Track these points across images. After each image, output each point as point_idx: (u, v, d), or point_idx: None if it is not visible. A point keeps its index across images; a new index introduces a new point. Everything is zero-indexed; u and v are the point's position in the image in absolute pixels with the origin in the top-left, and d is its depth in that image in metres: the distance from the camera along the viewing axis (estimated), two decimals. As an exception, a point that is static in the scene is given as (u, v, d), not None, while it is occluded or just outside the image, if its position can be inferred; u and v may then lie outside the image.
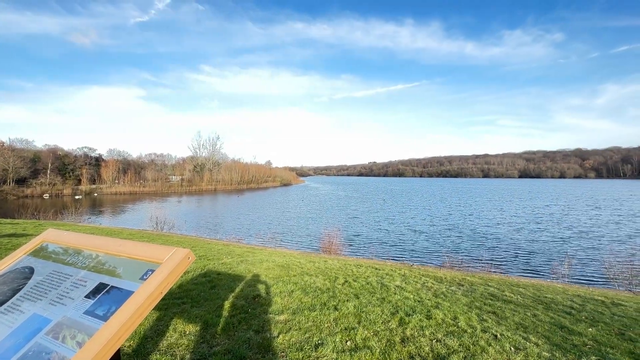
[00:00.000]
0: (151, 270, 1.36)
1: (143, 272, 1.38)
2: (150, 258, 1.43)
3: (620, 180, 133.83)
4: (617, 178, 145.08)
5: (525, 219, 26.46)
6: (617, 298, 6.76)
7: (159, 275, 1.30)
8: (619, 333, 4.04)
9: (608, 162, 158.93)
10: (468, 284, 6.93)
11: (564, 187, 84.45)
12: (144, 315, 1.18)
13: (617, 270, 9.86)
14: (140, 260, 1.45)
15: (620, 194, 57.45)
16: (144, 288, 1.26)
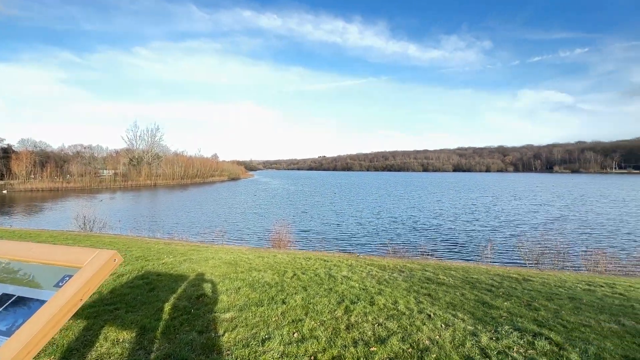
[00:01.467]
0: (68, 276, 1.22)
1: (59, 278, 1.23)
2: (68, 262, 1.28)
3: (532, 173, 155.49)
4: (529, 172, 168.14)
5: (458, 209, 29.30)
6: (527, 275, 7.87)
7: (77, 281, 1.17)
8: (527, 304, 4.72)
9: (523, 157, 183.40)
10: (408, 270, 7.46)
11: (490, 180, 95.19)
12: (58, 326, 1.06)
13: (527, 251, 11.48)
14: (55, 266, 1.29)
15: (533, 185, 66.68)
16: (58, 296, 1.12)
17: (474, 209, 28.56)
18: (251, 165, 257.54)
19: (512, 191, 49.26)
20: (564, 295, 5.47)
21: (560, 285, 6.45)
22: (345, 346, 3.12)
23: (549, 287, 6.16)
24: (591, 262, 10.19)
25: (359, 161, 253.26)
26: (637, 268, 10.93)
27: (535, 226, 20.31)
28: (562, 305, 4.66)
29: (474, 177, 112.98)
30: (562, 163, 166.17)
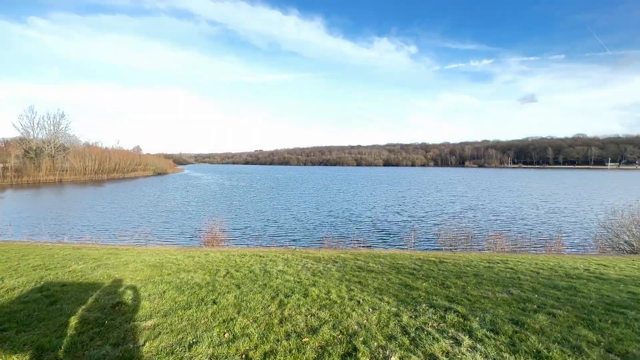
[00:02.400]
0: None
1: None
2: None
3: (448, 167, 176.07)
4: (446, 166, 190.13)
5: (389, 201, 31.62)
6: (443, 257, 8.88)
7: None
8: (441, 283, 5.35)
9: (442, 154, 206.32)
10: (341, 260, 7.80)
11: (415, 174, 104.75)
12: None
13: (444, 237, 12.99)
14: None
15: (450, 179, 75.41)
16: None
17: (402, 201, 31.11)
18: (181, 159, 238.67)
19: (434, 184, 55.01)
20: (470, 273, 6.33)
21: (468, 265, 7.44)
22: (278, 340, 3.13)
23: (459, 267, 7.05)
24: (491, 243, 11.99)
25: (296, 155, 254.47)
26: (524, 246, 13.20)
27: (452, 214, 23.05)
28: (468, 282, 5.39)
29: (402, 171, 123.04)
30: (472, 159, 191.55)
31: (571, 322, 3.48)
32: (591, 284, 5.34)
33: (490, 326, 3.37)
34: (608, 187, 46.56)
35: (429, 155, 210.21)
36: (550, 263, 7.72)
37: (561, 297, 4.46)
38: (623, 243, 11.43)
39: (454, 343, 3.01)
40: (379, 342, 3.06)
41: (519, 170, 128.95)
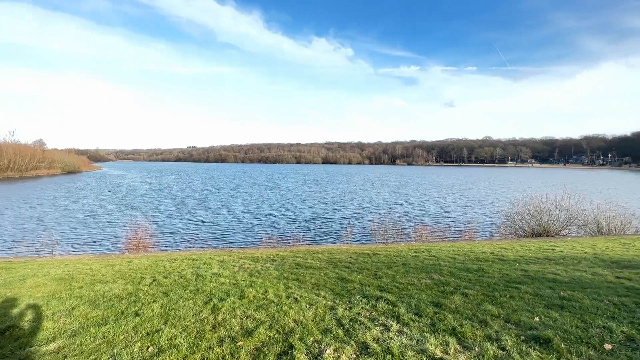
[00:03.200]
0: None
1: None
2: None
3: (381, 165, 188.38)
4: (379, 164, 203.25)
5: (328, 198, 32.45)
6: (376, 250, 9.44)
7: None
8: (374, 274, 5.68)
9: (376, 152, 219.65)
10: (280, 258, 7.74)
11: (352, 171, 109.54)
12: None
13: (377, 229, 13.85)
14: None
15: (383, 177, 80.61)
16: None
17: (341, 198, 32.22)
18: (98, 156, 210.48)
19: (370, 181, 58.18)
20: (399, 262, 6.85)
21: (398, 255, 8.04)
22: (210, 347, 2.96)
23: (390, 258, 7.58)
24: (418, 234, 13.17)
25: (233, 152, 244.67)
26: (445, 236, 14.78)
27: (385, 209, 24.67)
28: (397, 271, 5.83)
29: (340, 169, 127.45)
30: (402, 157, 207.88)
31: (479, 299, 4.00)
32: (495, 265, 6.22)
33: (415, 310, 3.69)
34: (509, 182, 54.96)
35: (364, 154, 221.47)
36: (465, 249, 8.78)
37: (472, 278, 5.11)
38: (519, 229, 13.58)
39: (384, 329, 3.22)
40: (314, 337, 3.11)
41: (440, 168, 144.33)
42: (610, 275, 5.01)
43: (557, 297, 4.00)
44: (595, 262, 6.22)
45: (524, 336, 2.96)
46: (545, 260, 6.64)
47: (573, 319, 3.29)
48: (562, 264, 6.02)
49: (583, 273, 5.21)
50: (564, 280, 4.80)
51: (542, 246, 9.01)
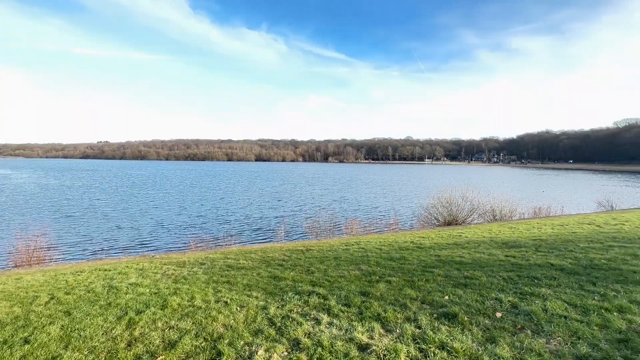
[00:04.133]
0: None
1: None
2: None
3: (315, 163, 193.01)
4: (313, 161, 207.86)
5: (263, 196, 31.82)
6: (310, 246, 9.61)
7: None
8: (307, 270, 5.77)
9: (309, 150, 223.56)
10: (210, 261, 7.33)
11: (287, 169, 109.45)
12: None
13: (311, 226, 14.12)
14: None
15: (317, 174, 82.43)
16: None
17: (275, 196, 31.89)
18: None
19: (305, 179, 58.87)
20: (331, 256, 7.09)
21: (330, 249, 8.32)
22: (125, 367, 2.64)
23: (322, 253, 7.79)
24: (349, 228, 13.83)
25: (155, 149, 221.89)
26: (373, 228, 15.80)
27: (320, 206, 25.26)
28: (329, 265, 6.02)
29: (274, 166, 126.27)
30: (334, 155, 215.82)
31: (401, 285, 4.39)
32: (415, 253, 6.90)
33: (345, 301, 3.86)
34: (427, 178, 61.47)
35: (298, 151, 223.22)
36: (390, 240, 9.53)
37: (395, 266, 5.57)
38: (434, 219, 15.28)
39: (315, 323, 3.30)
40: (245, 340, 3.02)
41: (369, 165, 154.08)
42: (501, 254, 5.99)
43: (462, 277, 4.62)
44: (491, 244, 7.36)
45: (436, 314, 3.35)
46: (454, 245, 7.60)
47: (474, 294, 3.84)
48: (466, 248, 6.97)
49: (482, 254, 6.12)
50: (468, 262, 5.57)
51: (452, 233, 10.29)
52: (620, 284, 3.92)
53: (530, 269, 4.78)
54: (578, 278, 4.22)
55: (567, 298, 3.54)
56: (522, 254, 5.85)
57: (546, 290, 3.81)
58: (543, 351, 2.53)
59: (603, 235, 7.57)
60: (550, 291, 3.79)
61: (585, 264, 4.85)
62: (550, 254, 5.68)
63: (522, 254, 5.84)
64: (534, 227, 10.37)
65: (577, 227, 9.69)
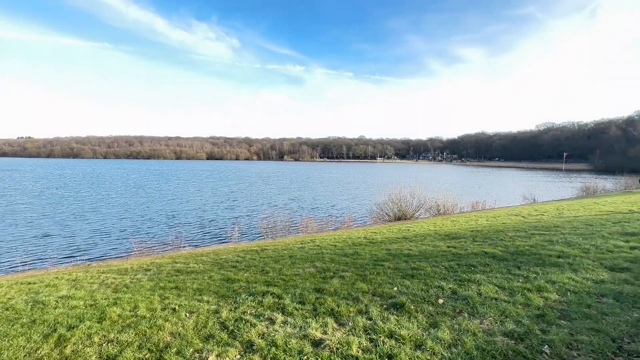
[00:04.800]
0: None
1: None
2: None
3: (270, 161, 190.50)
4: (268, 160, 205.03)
5: (217, 196, 30.51)
6: (265, 245, 9.48)
7: None
8: (261, 270, 5.68)
9: (264, 148, 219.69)
10: (156, 267, 6.86)
11: (241, 167, 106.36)
12: None
13: (266, 225, 13.92)
14: None
15: (274, 172, 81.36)
16: None
17: (230, 196, 30.79)
18: None
19: (262, 177, 57.72)
20: (286, 255, 7.07)
21: (285, 248, 8.29)
22: (53, 390, 2.36)
23: (278, 252, 7.74)
24: (305, 226, 13.90)
25: (91, 146, 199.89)
26: (328, 225, 16.07)
27: (276, 205, 24.97)
28: (284, 264, 6.00)
29: (228, 165, 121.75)
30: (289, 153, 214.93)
31: (354, 279, 4.54)
32: (367, 247, 7.17)
33: (299, 299, 3.88)
34: (379, 175, 64.16)
35: (252, 150, 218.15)
36: (344, 236, 9.79)
37: (349, 261, 5.74)
38: (385, 214, 16.02)
39: (269, 323, 3.27)
40: (195, 347, 2.89)
41: (324, 163, 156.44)
42: (444, 245, 6.50)
43: (410, 268, 4.92)
44: (435, 237, 7.94)
45: (386, 305, 3.53)
46: (403, 239, 8.06)
47: (419, 284, 4.12)
48: (414, 241, 7.44)
49: (427, 246, 6.57)
50: (415, 254, 5.95)
51: (401, 228, 10.90)
52: (539, 266, 4.49)
53: (468, 258, 5.26)
54: (506, 264, 4.75)
55: (498, 282, 3.97)
56: (462, 245, 6.40)
57: (481, 276, 4.23)
58: (477, 331, 2.81)
59: (527, 225, 8.60)
60: (484, 277, 4.21)
61: (513, 251, 5.47)
62: (485, 244, 6.31)
63: (461, 245, 6.40)
64: (471, 220, 11.41)
65: (506, 219, 10.87)
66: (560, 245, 5.58)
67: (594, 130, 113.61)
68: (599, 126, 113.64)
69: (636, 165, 70.10)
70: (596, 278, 3.88)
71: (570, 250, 5.15)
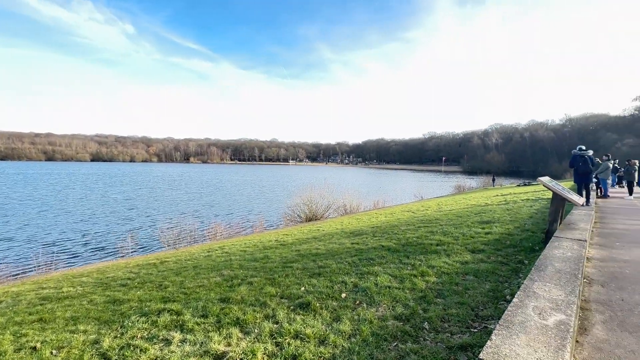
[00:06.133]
0: None
1: None
2: None
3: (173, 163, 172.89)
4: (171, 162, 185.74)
5: (106, 205, 25.90)
6: (165, 257, 8.53)
7: None
8: (159, 285, 5.08)
9: (166, 149, 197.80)
10: (11, 297, 5.44)
11: (139, 170, 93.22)
12: None
13: (168, 235, 12.54)
14: None
15: (181, 176, 73.92)
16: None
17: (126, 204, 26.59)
18: None
19: (166, 182, 51.60)
20: (190, 266, 6.50)
21: (189, 258, 7.62)
22: None
23: (180, 264, 7.05)
24: (213, 233, 13.06)
25: None
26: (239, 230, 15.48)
27: (181, 211, 22.68)
28: (187, 276, 5.50)
29: (121, 168, 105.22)
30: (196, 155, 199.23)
31: (262, 284, 4.46)
32: (278, 250, 7.17)
33: (202, 312, 3.60)
34: (292, 177, 65.11)
35: (151, 150, 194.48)
36: (255, 240, 9.57)
37: (258, 266, 5.63)
38: (297, 216, 16.35)
39: (165, 345, 2.93)
40: (64, 389, 2.37)
41: (236, 166, 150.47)
42: (348, 242, 6.98)
43: (317, 267, 5.11)
44: (342, 234, 8.48)
45: (293, 306, 3.57)
46: (313, 239, 8.35)
47: (325, 281, 4.32)
48: (322, 240, 7.78)
49: (334, 244, 6.96)
50: (322, 253, 6.22)
51: (312, 228, 11.28)
52: (423, 254, 5.24)
53: (368, 252, 5.77)
54: (398, 254, 5.39)
55: (391, 271, 4.46)
56: (364, 240, 7.00)
57: (378, 268, 4.69)
58: (373, 318, 3.10)
59: (416, 219, 9.97)
60: (380, 268, 4.68)
61: (404, 243, 6.25)
62: (382, 238, 7.04)
63: (363, 240, 6.99)
64: (373, 217, 12.61)
65: (400, 214, 12.39)
66: (439, 235, 6.65)
67: (463, 139, 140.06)
68: (466, 136, 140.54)
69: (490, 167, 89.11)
70: (462, 260, 4.75)
71: (446, 239, 6.18)
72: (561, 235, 4.71)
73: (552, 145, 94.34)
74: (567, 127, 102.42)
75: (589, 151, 9.55)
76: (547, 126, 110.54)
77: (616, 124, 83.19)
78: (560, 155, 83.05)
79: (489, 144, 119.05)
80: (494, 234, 6.36)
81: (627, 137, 68.67)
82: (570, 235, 4.70)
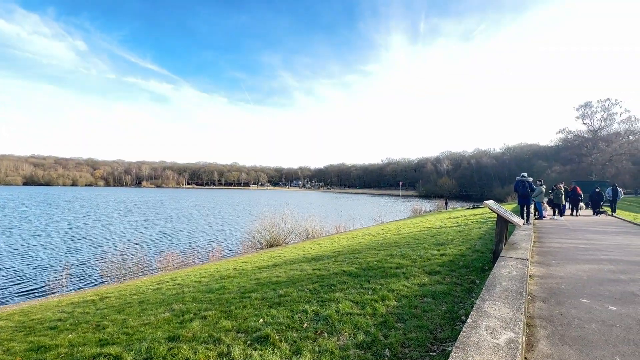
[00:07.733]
0: None
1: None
2: None
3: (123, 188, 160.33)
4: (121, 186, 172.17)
5: (41, 235, 22.88)
6: (106, 292, 7.64)
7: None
8: (96, 326, 4.49)
9: (114, 172, 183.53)
10: None
11: (82, 195, 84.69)
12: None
13: (111, 267, 11.33)
14: None
15: (129, 201, 68.46)
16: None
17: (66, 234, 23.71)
18: None
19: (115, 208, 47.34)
20: (135, 301, 5.88)
21: (135, 293, 6.91)
22: None
23: (124, 299, 6.35)
24: (164, 263, 12.07)
25: None
26: (193, 260, 14.52)
27: (130, 241, 20.75)
28: (130, 313, 4.94)
29: (61, 192, 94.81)
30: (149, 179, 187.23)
31: (217, 318, 4.14)
32: (235, 279, 6.79)
33: (146, 355, 3.22)
34: (253, 202, 63.56)
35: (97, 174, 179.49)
36: (211, 270, 9.00)
37: (213, 298, 5.25)
38: (257, 242, 15.80)
39: (98, 397, 2.54)
40: None
41: (193, 190, 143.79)
42: (309, 268, 6.84)
43: (277, 296, 4.90)
44: (303, 260, 8.31)
45: (250, 340, 3.35)
46: (273, 266, 8.07)
47: (286, 311, 4.13)
48: (283, 267, 7.54)
49: (295, 271, 6.77)
50: (283, 280, 6.00)
51: (272, 254, 10.93)
52: (383, 278, 5.29)
53: (330, 278, 5.69)
54: (360, 279, 5.38)
55: (352, 297, 4.42)
56: (325, 266, 6.91)
57: (339, 294, 4.62)
58: (334, 348, 2.99)
59: (376, 243, 10.14)
60: (342, 294, 4.61)
61: (365, 267, 6.28)
62: (344, 263, 7.01)
63: (325, 266, 6.90)
64: (334, 241, 12.60)
65: (361, 238, 12.54)
66: (398, 258, 6.80)
67: (418, 165, 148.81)
68: (421, 162, 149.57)
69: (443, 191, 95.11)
70: (420, 282, 4.86)
71: (405, 262, 6.32)
72: (506, 255, 5.07)
73: (495, 171, 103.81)
74: (506, 155, 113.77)
75: (528, 178, 10.90)
76: (490, 154, 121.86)
77: (545, 152, 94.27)
78: (502, 180, 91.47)
79: (441, 169, 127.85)
80: (448, 255, 6.66)
81: (555, 164, 77.98)
82: (514, 254, 5.07)
